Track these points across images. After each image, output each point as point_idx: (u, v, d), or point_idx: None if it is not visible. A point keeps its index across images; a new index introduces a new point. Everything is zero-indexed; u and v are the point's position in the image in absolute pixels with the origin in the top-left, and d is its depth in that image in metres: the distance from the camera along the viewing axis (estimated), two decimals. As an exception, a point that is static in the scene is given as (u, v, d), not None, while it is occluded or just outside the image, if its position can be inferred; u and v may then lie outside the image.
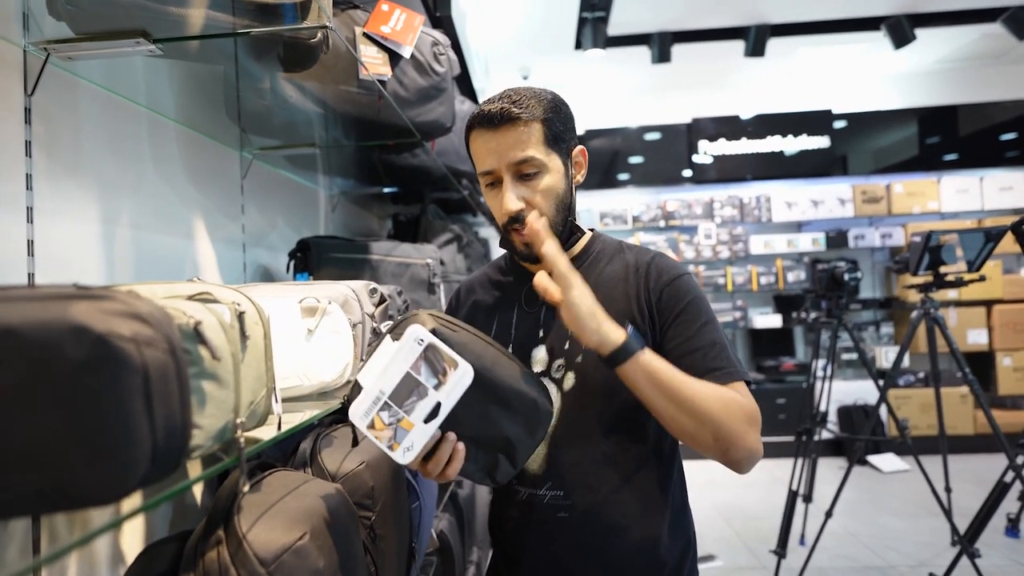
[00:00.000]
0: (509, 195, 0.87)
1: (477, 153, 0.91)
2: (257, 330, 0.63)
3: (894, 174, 5.13)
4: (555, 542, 0.90)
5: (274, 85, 1.25)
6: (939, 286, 2.48)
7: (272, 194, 1.67)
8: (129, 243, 1.07)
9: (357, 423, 0.67)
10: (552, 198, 0.90)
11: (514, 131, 0.87)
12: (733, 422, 0.81)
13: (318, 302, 0.90)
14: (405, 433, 0.67)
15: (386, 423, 0.67)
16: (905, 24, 4.02)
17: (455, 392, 0.68)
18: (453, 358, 0.68)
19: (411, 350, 0.68)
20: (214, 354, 0.51)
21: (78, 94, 0.97)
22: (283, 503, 0.69)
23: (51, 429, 0.39)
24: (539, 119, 0.88)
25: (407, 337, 0.68)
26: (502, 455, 0.80)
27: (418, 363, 0.68)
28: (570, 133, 0.94)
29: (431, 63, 1.40)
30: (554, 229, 0.90)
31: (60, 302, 0.40)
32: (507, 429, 0.78)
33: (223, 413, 0.53)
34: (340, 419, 1.12)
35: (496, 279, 1.05)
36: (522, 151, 0.87)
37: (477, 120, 0.90)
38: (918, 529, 3.26)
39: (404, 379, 0.67)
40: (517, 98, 0.88)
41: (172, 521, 1.03)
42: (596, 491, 0.89)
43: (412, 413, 0.67)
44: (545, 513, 0.90)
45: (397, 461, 0.68)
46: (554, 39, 4.28)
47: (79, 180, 0.96)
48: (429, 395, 0.68)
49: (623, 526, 0.89)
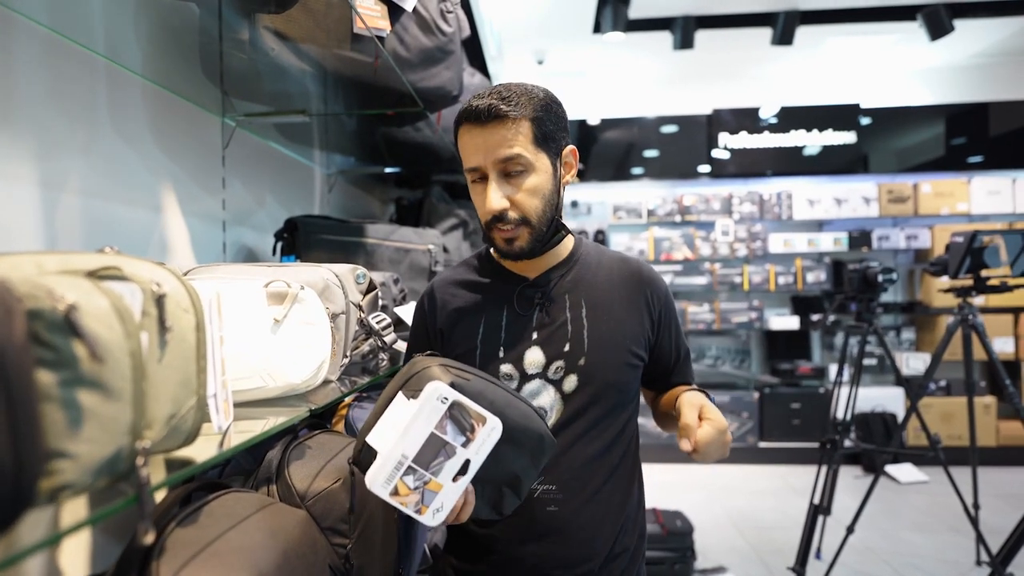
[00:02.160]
0: (493, 193, 0.87)
1: (464, 149, 0.90)
2: (185, 319, 0.47)
3: (922, 173, 4.91)
4: (541, 533, 0.92)
5: (256, 39, 1.09)
6: (979, 291, 2.30)
7: (259, 167, 1.52)
8: (77, 212, 0.92)
9: (378, 492, 0.64)
10: (538, 197, 0.90)
11: (502, 128, 0.86)
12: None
13: (288, 287, 0.74)
14: (433, 495, 0.65)
15: (411, 488, 0.64)
16: (943, 14, 3.80)
17: (485, 447, 0.66)
18: (481, 414, 0.66)
19: (434, 409, 0.65)
20: (94, 352, 0.36)
21: (13, 33, 0.82)
22: (222, 541, 0.53)
23: None
24: (528, 117, 0.88)
25: (428, 396, 0.65)
26: (507, 488, 0.77)
27: (443, 422, 0.65)
28: (561, 132, 0.93)
29: (437, 21, 1.24)
30: (538, 229, 0.91)
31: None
32: (514, 464, 0.76)
33: (111, 435, 0.38)
34: (318, 423, 0.97)
35: (474, 280, 1.01)
36: (508, 149, 0.87)
37: (465, 115, 0.89)
38: (941, 546, 3.09)
39: (429, 440, 0.64)
40: (507, 95, 0.87)
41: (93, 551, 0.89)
42: (585, 485, 0.93)
43: (440, 474, 0.64)
44: (535, 506, 0.92)
45: (426, 524, 0.65)
46: (573, 20, 4.09)
47: (12, 135, 0.81)
48: (457, 454, 0.65)
49: (602, 518, 0.93)
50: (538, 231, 0.91)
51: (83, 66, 0.94)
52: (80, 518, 0.39)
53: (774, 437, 4.56)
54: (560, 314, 0.94)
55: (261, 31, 1.04)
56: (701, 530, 3.20)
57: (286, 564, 0.55)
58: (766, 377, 4.85)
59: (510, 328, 0.94)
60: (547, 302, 0.95)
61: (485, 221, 0.91)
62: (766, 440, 4.58)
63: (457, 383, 0.70)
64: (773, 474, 4.32)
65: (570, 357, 0.92)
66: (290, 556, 0.56)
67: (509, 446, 0.74)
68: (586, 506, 0.92)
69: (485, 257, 1.03)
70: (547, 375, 0.92)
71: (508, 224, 0.89)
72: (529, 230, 0.90)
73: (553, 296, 0.96)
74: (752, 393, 4.64)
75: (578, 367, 0.92)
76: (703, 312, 4.77)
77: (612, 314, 0.95)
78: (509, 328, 0.95)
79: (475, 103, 0.88)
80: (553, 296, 0.96)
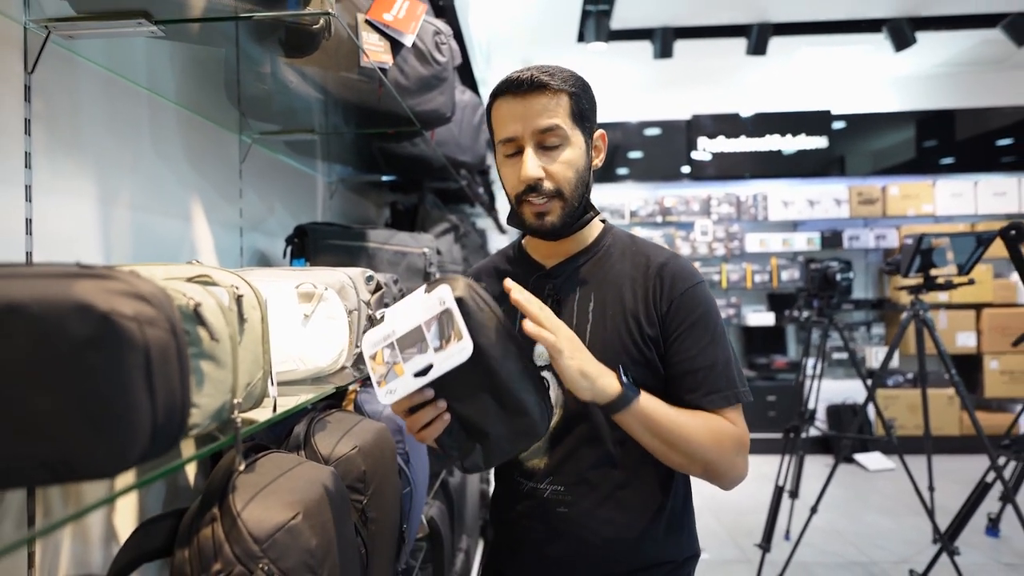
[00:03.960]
0: (530, 160, 0.86)
1: (501, 119, 0.90)
2: (254, 313, 0.64)
3: (890, 176, 5.16)
4: (555, 535, 0.91)
5: (275, 70, 1.24)
6: (929, 288, 2.51)
7: (270, 179, 1.67)
8: (127, 223, 1.07)
9: (364, 349, 0.72)
10: (572, 172, 0.88)
11: (542, 98, 0.86)
12: (723, 455, 0.84)
13: (315, 288, 0.91)
14: (395, 377, 0.71)
15: (385, 360, 0.71)
16: (906, 27, 4.02)
17: (448, 362, 0.69)
18: (460, 331, 0.69)
19: (431, 307, 0.70)
20: (213, 335, 0.52)
21: (78, 73, 0.97)
22: (277, 484, 0.70)
23: (55, 404, 0.40)
24: (568, 92, 0.88)
25: (435, 294, 0.70)
26: (479, 446, 0.79)
27: (431, 321, 0.70)
28: (594, 114, 0.94)
29: (433, 52, 1.40)
30: (571, 204, 0.89)
31: (64, 280, 0.41)
32: (491, 425, 0.76)
33: (220, 393, 0.54)
34: (334, 404, 1.13)
35: (504, 268, 1.03)
36: (549, 119, 0.86)
37: (505, 86, 0.89)
38: (902, 527, 3.31)
39: (414, 330, 0.70)
40: (548, 69, 0.88)
41: (165, 500, 1.05)
42: (596, 488, 0.90)
43: (407, 363, 0.70)
44: (546, 507, 0.92)
45: (379, 398, 0.71)
46: (557, 31, 4.26)
47: (78, 159, 0.97)
48: (427, 354, 0.69)
49: (622, 523, 0.90)
50: (570, 206, 0.88)
51: (130, 97, 1.09)
52: (193, 452, 0.55)
53: (751, 428, 4.75)
54: (569, 307, 0.92)
55: (281, 66, 1.20)
56: (679, 515, 3.39)
57: (323, 503, 0.72)
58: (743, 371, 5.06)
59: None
60: (558, 294, 0.93)
61: (516, 193, 0.89)
62: (743, 431, 4.79)
63: (467, 303, 0.70)
64: (750, 463, 4.52)
65: None
66: (327, 497, 0.73)
67: (492, 400, 0.75)
68: (599, 509, 0.90)
69: (516, 246, 1.03)
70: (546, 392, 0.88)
71: (542, 196, 0.86)
72: (562, 204, 0.88)
73: (565, 288, 0.94)
74: (730, 387, 4.84)
75: None
76: (683, 309, 4.97)
77: (618, 310, 0.90)
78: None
79: (516, 75, 0.87)
80: (565, 288, 0.94)
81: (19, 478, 0.41)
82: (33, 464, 0.40)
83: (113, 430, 0.41)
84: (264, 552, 0.62)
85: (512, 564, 0.99)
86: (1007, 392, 4.61)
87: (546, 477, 0.92)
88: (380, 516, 0.97)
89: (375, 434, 1.01)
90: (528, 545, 0.94)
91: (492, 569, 1.04)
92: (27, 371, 0.39)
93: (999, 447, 2.43)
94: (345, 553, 0.75)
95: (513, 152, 0.89)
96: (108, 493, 0.53)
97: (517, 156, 0.89)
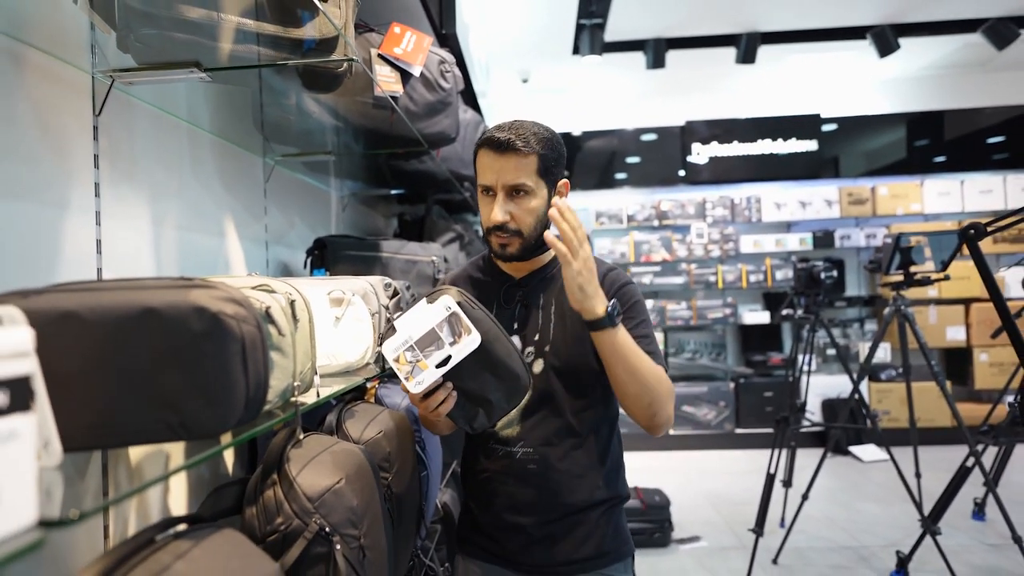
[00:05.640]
0: (499, 208, 1.08)
1: (481, 168, 1.11)
2: (304, 315, 0.78)
3: (880, 177, 5.30)
4: (525, 485, 1.15)
5: (299, 102, 1.40)
6: (909, 284, 2.65)
7: (290, 197, 1.82)
8: (175, 241, 1.22)
9: (387, 355, 0.89)
10: (533, 216, 1.10)
11: (514, 159, 1.07)
12: (663, 394, 1.07)
13: (343, 294, 1.05)
14: (420, 371, 0.88)
15: (408, 360, 0.88)
16: (889, 33, 4.17)
17: (463, 351, 0.88)
18: (468, 326, 0.89)
19: (439, 313, 0.89)
20: (280, 331, 0.67)
21: (134, 112, 1.12)
22: (322, 456, 0.84)
23: (180, 382, 0.54)
24: (536, 153, 1.08)
25: (439, 303, 0.89)
26: (482, 410, 0.99)
27: (442, 324, 0.88)
28: (559, 167, 1.14)
29: (438, 80, 1.55)
30: (528, 240, 1.11)
31: (182, 289, 0.56)
32: (491, 392, 0.97)
33: (285, 378, 0.69)
34: (358, 397, 1.28)
35: (476, 276, 1.25)
36: (516, 177, 1.08)
37: (486, 142, 1.10)
38: (892, 514, 3.44)
39: (428, 333, 0.88)
40: (522, 132, 1.08)
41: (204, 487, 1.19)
42: (557, 448, 1.14)
43: (428, 358, 0.88)
44: (519, 465, 1.14)
45: (408, 389, 0.88)
46: (553, 45, 4.42)
47: (135, 187, 1.12)
48: (444, 348, 0.88)
49: (576, 475, 1.14)
50: (527, 242, 1.11)
51: (173, 129, 1.24)
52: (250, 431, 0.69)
53: (749, 424, 4.90)
54: (535, 310, 1.17)
55: (305, 98, 1.35)
56: (679, 507, 3.52)
57: (360, 472, 0.86)
58: (741, 368, 5.20)
59: (498, 318, 1.09)
60: (526, 299, 1.18)
61: (487, 227, 1.11)
62: (742, 427, 4.93)
63: (464, 305, 0.91)
64: (747, 457, 4.66)
65: (538, 345, 1.14)
66: (362, 468, 0.87)
67: (491, 376, 0.94)
68: (560, 463, 1.13)
69: (487, 259, 1.25)
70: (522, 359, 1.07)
71: (506, 233, 1.09)
72: (521, 240, 1.10)
73: (532, 294, 1.18)
74: (728, 383, 4.98)
75: (544, 353, 1.14)
76: (681, 309, 5.11)
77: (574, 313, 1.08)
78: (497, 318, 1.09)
79: (496, 135, 1.08)
80: (532, 294, 1.18)
81: (150, 437, 0.56)
82: (161, 427, 0.55)
83: (219, 401, 0.56)
84: (316, 509, 0.76)
85: (485, 514, 1.19)
86: (997, 384, 4.72)
87: (518, 442, 1.15)
88: (402, 492, 1.12)
89: (396, 422, 1.16)
90: (501, 496, 1.16)
91: (465, 522, 1.26)
92: (158, 356, 0.54)
93: (978, 433, 2.56)
94: (377, 517, 0.89)
95: (488, 192, 1.11)
96: (186, 460, 0.68)
97: (491, 197, 1.10)
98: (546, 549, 1.15)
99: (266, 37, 0.99)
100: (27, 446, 0.36)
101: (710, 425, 4.92)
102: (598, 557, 1.16)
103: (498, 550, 1.18)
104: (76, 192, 0.97)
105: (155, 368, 0.54)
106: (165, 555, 0.53)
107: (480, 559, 1.21)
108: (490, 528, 1.19)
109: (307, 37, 1.02)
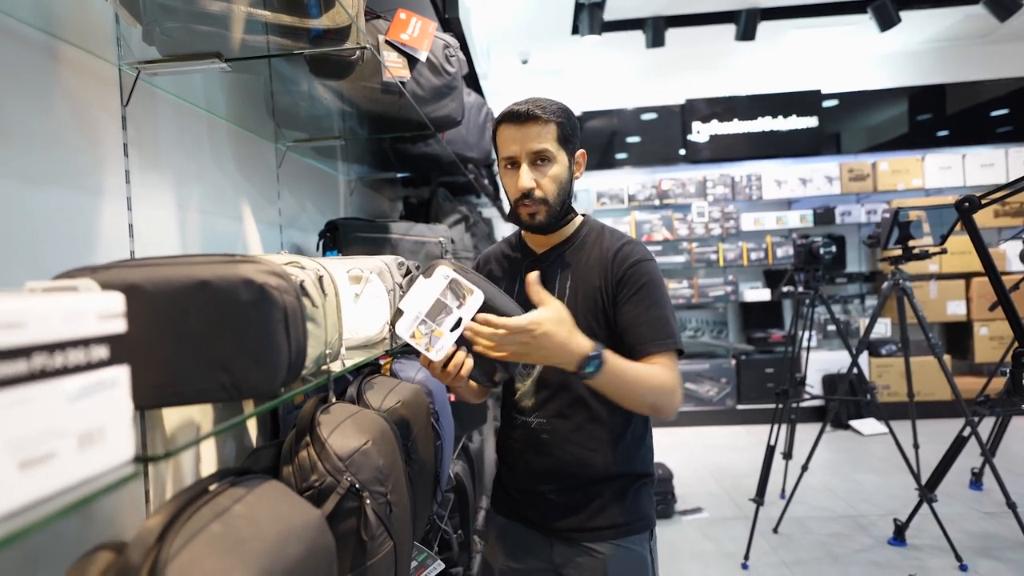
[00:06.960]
0: (525, 175, 1.13)
1: (503, 141, 1.16)
2: (331, 289, 0.84)
3: (882, 152, 5.31)
4: (539, 454, 1.21)
5: (310, 89, 1.44)
6: (907, 259, 2.70)
7: (301, 181, 1.87)
8: (197, 225, 1.28)
9: (401, 334, 0.95)
10: (557, 183, 1.15)
11: (536, 127, 1.13)
12: (664, 397, 1.08)
13: (362, 272, 1.11)
14: (437, 340, 0.95)
15: (423, 334, 0.95)
16: (890, 6, 4.16)
17: (471, 310, 0.95)
18: (470, 287, 0.95)
19: (440, 283, 0.95)
20: (313, 303, 0.73)
21: (157, 102, 1.17)
22: (348, 421, 0.91)
23: (232, 346, 0.61)
24: (555, 121, 1.14)
25: (437, 275, 0.96)
26: (499, 363, 1.03)
27: (445, 292, 0.95)
28: (576, 138, 1.19)
29: (443, 64, 1.59)
30: (554, 208, 1.16)
31: (230, 264, 0.62)
32: None
33: (319, 345, 0.75)
34: (375, 370, 1.34)
35: (506, 253, 1.31)
36: (540, 143, 1.13)
37: (507, 116, 1.15)
38: (890, 484, 3.53)
39: (436, 304, 0.95)
40: (541, 103, 1.14)
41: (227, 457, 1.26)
42: (570, 420, 1.19)
43: (442, 326, 0.95)
44: (534, 434, 1.21)
45: (430, 358, 0.95)
46: (552, 25, 4.42)
47: (161, 174, 1.17)
48: (453, 313, 0.95)
49: (590, 448, 1.18)
50: (554, 210, 1.15)
51: (192, 118, 1.29)
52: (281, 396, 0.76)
53: (750, 399, 4.99)
54: (552, 283, 1.21)
55: (315, 85, 1.40)
56: (682, 480, 3.62)
57: (384, 435, 0.93)
58: (742, 345, 5.27)
59: (520, 291, 1.19)
60: (544, 274, 1.18)
61: (515, 198, 1.15)
62: (743, 403, 5.01)
63: (458, 270, 0.97)
64: (749, 432, 4.75)
65: None
66: (385, 432, 0.94)
67: None
68: (573, 435, 1.18)
69: (516, 235, 1.32)
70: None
71: (533, 202, 1.13)
72: (547, 208, 1.14)
73: (551, 270, 1.22)
74: (730, 360, 5.06)
75: None
76: (683, 288, 5.17)
77: (587, 287, 1.16)
78: (520, 291, 1.19)
79: (516, 107, 1.14)
80: (551, 270, 1.22)
81: (208, 396, 0.62)
82: (216, 387, 0.61)
83: (266, 364, 0.62)
84: (347, 467, 0.83)
85: (510, 477, 1.29)
86: (997, 357, 4.78)
87: (533, 412, 1.21)
88: (420, 458, 1.19)
89: (413, 392, 1.22)
90: (521, 463, 1.24)
91: (497, 483, 1.35)
92: (212, 324, 0.60)
93: (975, 403, 2.63)
94: (399, 478, 0.96)
95: (511, 165, 1.16)
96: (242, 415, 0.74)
97: (515, 170, 1.15)
98: (562, 515, 1.20)
99: (283, 27, 1.04)
100: (125, 393, 0.42)
101: (712, 401, 5.01)
102: (612, 527, 1.19)
103: (521, 511, 1.26)
104: (109, 179, 1.02)
105: (209, 334, 0.60)
106: (224, 499, 0.60)
107: (506, 516, 1.30)
108: (514, 491, 1.27)
109: (322, 26, 1.06)
